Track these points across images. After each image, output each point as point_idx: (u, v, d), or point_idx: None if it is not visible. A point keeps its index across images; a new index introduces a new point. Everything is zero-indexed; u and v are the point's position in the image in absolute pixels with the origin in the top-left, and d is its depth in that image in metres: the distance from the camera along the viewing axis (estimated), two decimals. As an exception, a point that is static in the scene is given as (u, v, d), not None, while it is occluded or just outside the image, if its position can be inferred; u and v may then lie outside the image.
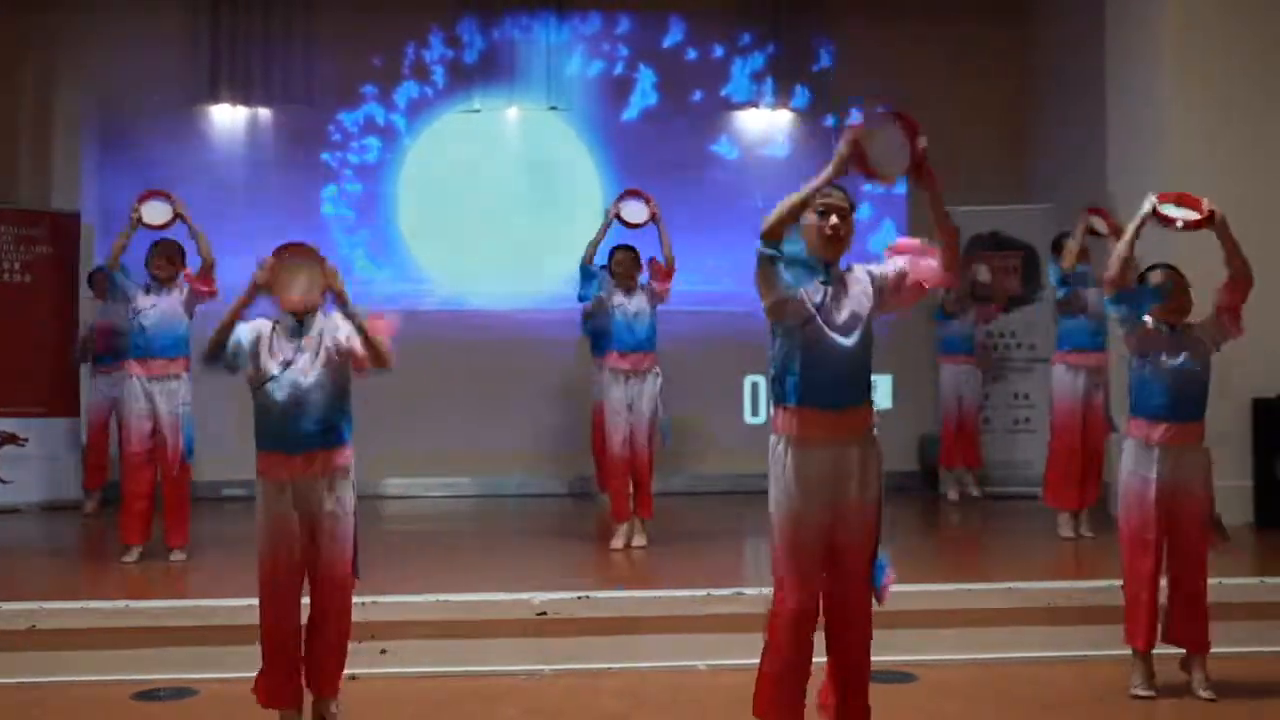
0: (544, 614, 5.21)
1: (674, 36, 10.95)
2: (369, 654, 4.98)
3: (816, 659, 3.74)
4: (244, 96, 10.50)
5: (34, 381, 9.17)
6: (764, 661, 3.66)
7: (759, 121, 11.00)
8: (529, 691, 4.83)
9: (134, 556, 6.62)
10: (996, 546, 7.74)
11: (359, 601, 4.77)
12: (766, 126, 11.00)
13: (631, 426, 7.00)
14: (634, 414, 7.00)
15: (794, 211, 3.58)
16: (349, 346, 4.07)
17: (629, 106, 10.90)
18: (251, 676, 4.71)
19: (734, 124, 10.98)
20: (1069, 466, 7.20)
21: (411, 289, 10.49)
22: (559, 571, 6.41)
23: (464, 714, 4.56)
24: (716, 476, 9.67)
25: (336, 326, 4.13)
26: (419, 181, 10.70)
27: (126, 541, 6.65)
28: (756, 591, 4.95)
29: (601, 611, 5.27)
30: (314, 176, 10.57)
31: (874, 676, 4.77)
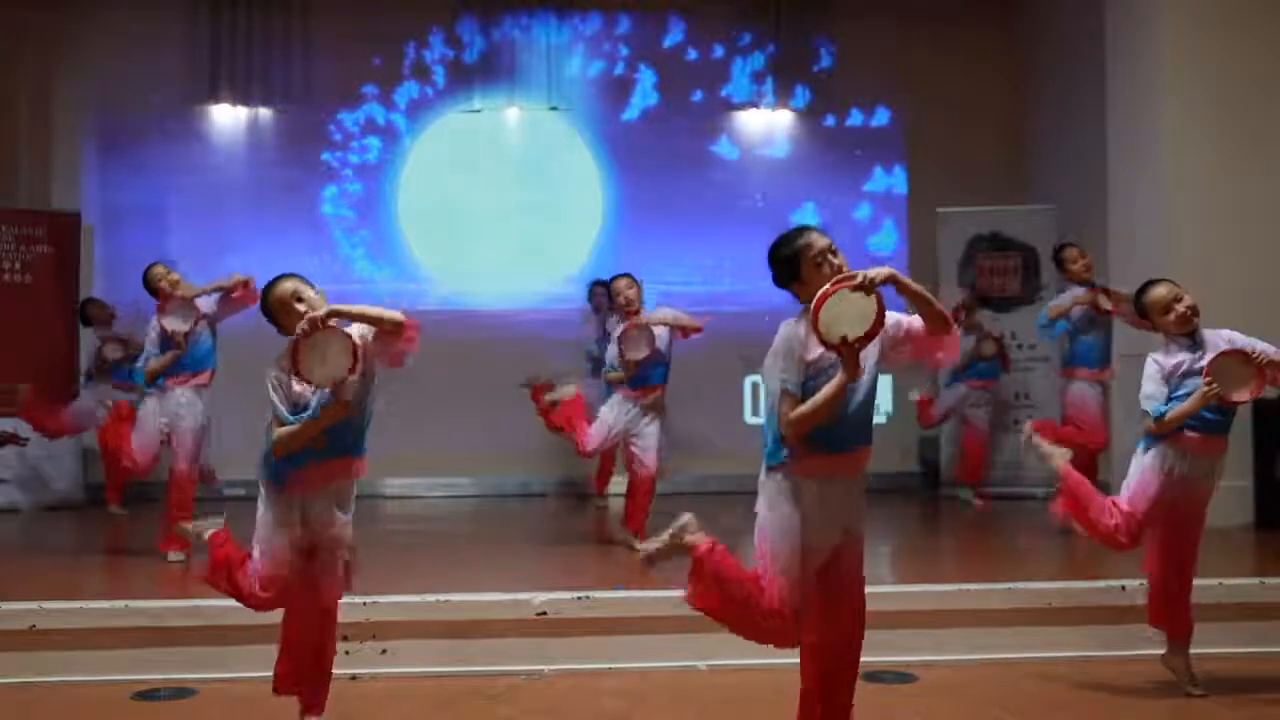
0: (544, 614, 5.21)
1: (674, 36, 10.96)
2: (369, 654, 4.98)
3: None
4: (244, 96, 10.51)
5: (34, 381, 9.15)
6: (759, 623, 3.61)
7: (759, 121, 11.01)
8: (529, 691, 4.83)
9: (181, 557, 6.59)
10: (997, 546, 7.74)
11: (359, 601, 4.78)
12: (766, 126, 11.01)
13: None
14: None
15: (823, 412, 3.43)
16: (364, 345, 3.82)
17: (629, 106, 10.91)
18: (251, 676, 4.72)
19: (734, 124, 10.99)
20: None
21: (411, 289, 10.49)
22: (559, 571, 6.41)
23: (464, 714, 4.56)
24: (716, 476, 9.67)
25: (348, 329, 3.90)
26: (419, 181, 10.71)
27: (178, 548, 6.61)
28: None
29: (601, 611, 5.27)
30: (314, 176, 10.58)
31: (874, 676, 4.80)
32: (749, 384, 10.39)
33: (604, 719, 4.51)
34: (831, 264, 3.52)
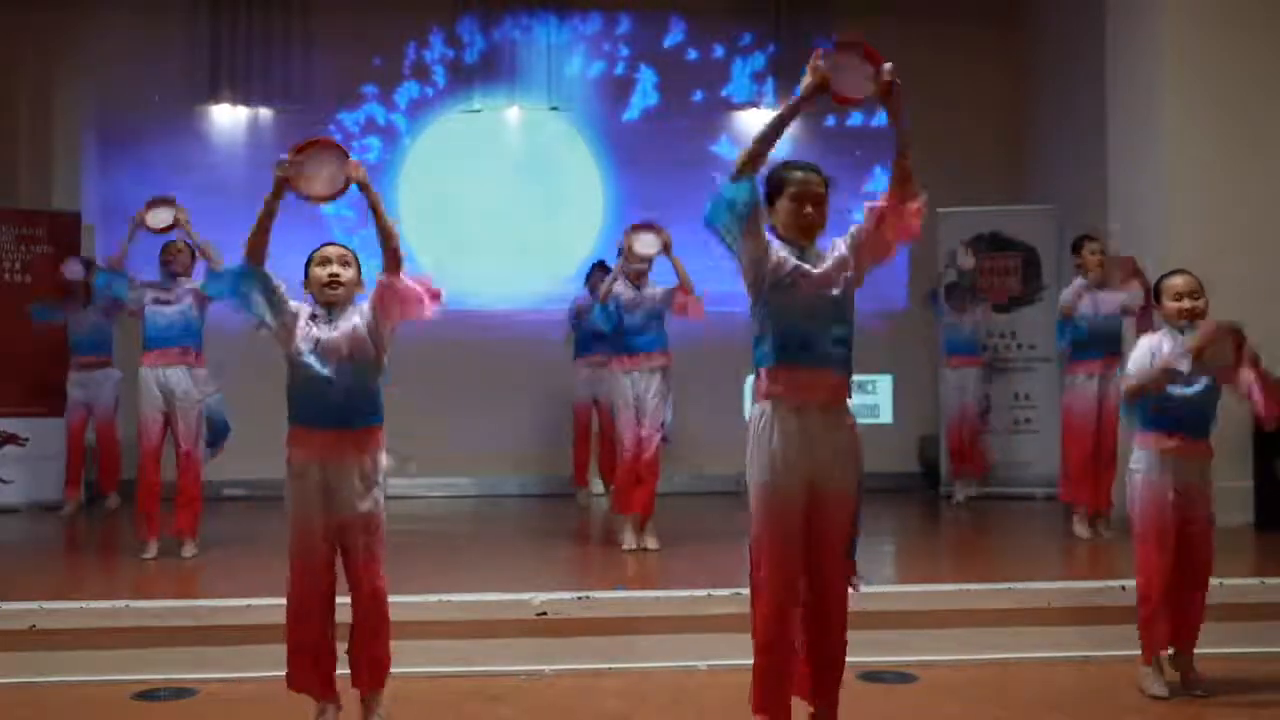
0: (544, 614, 5.20)
1: (674, 36, 10.96)
2: (369, 654, 4.97)
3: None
4: (244, 96, 10.51)
5: (34, 381, 9.17)
6: (756, 659, 3.59)
7: (759, 121, 10.90)
8: (529, 691, 4.82)
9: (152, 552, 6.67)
10: (997, 546, 7.74)
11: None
12: (767, 127, 10.99)
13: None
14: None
15: (767, 141, 3.59)
16: (372, 304, 4.18)
17: (629, 106, 10.91)
18: (251, 676, 4.74)
19: (734, 124, 10.99)
20: (1084, 461, 7.20)
21: (411, 289, 10.48)
22: (559, 571, 6.41)
23: (464, 714, 4.56)
24: (716, 477, 9.66)
25: (366, 311, 4.13)
26: (419, 181, 10.71)
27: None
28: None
29: (601, 611, 5.26)
30: (314, 176, 10.55)
31: (874, 676, 4.80)
32: (749, 384, 10.37)
33: (604, 719, 4.51)
34: (803, 203, 3.67)
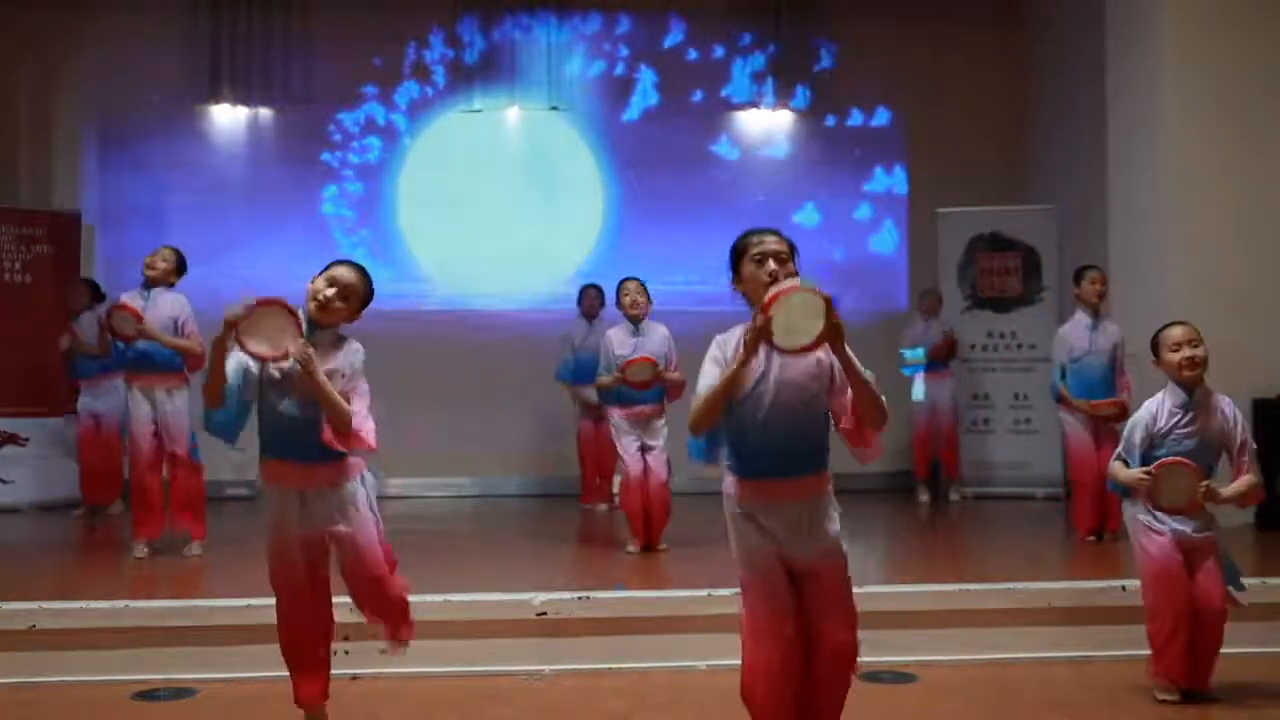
0: (544, 614, 5.21)
1: (674, 36, 10.96)
2: (369, 654, 4.97)
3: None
4: (244, 96, 10.52)
5: (34, 381, 9.17)
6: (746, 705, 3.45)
7: (759, 121, 11.01)
8: (529, 691, 4.83)
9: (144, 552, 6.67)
10: (996, 546, 7.74)
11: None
12: (766, 126, 11.01)
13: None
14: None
15: (717, 402, 3.30)
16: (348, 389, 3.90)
17: (630, 106, 10.91)
18: (251, 676, 4.74)
19: (734, 124, 10.99)
20: (1086, 497, 7.21)
21: (412, 289, 10.50)
22: (559, 571, 6.41)
23: (464, 714, 4.56)
24: (716, 477, 9.65)
25: (352, 355, 3.95)
26: (419, 181, 10.71)
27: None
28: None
29: (601, 611, 5.26)
30: (314, 176, 10.58)
31: (874, 676, 4.80)
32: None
33: (604, 719, 4.51)
34: (765, 263, 3.27)
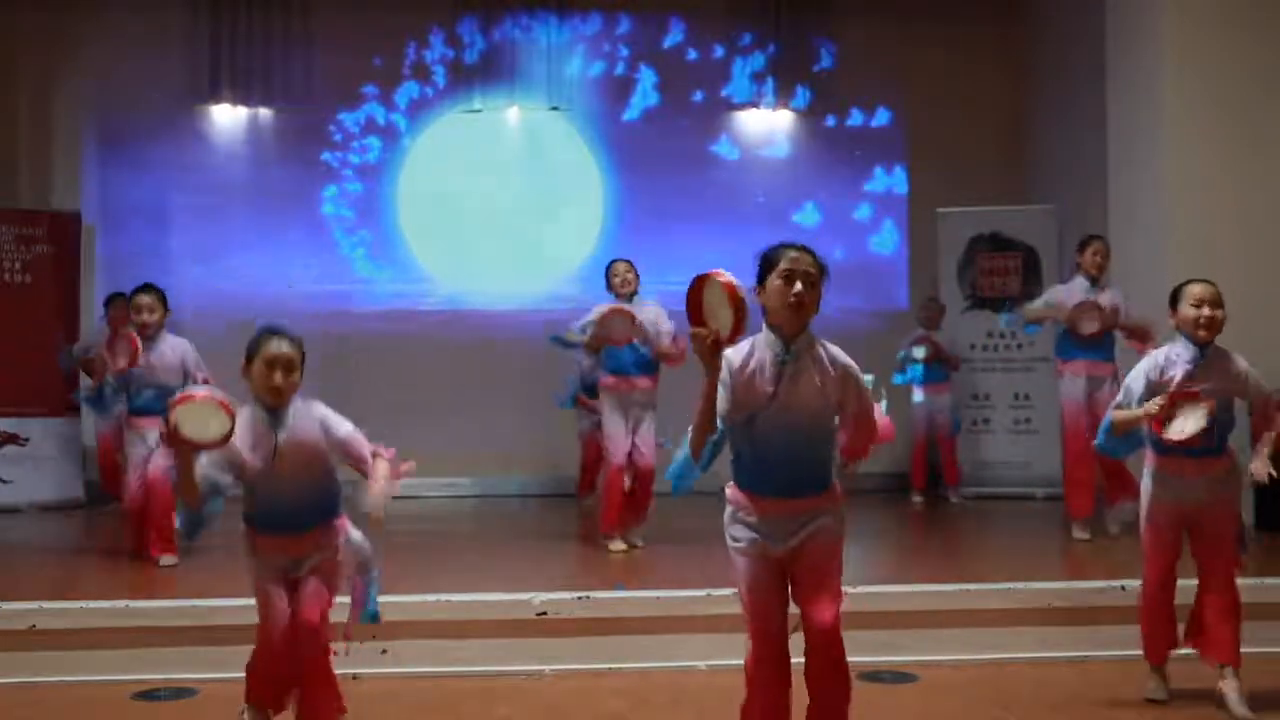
0: (544, 614, 5.21)
1: (674, 37, 10.96)
2: (369, 654, 4.97)
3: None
4: (244, 96, 10.52)
5: (34, 381, 9.17)
6: (746, 693, 3.46)
7: (759, 121, 11.01)
8: (529, 691, 4.82)
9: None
10: (996, 546, 7.74)
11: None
12: (766, 126, 11.01)
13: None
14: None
15: (701, 420, 3.32)
16: (341, 441, 3.93)
17: (629, 107, 10.91)
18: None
19: (734, 124, 10.99)
20: (1076, 472, 7.21)
21: (412, 289, 10.51)
22: (559, 571, 6.41)
23: (464, 714, 4.56)
24: (716, 476, 9.65)
25: (321, 417, 3.91)
26: (419, 181, 10.71)
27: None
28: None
29: (601, 611, 5.26)
30: (314, 176, 10.58)
31: (874, 676, 4.80)
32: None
33: (604, 719, 4.51)
34: (792, 283, 3.30)
